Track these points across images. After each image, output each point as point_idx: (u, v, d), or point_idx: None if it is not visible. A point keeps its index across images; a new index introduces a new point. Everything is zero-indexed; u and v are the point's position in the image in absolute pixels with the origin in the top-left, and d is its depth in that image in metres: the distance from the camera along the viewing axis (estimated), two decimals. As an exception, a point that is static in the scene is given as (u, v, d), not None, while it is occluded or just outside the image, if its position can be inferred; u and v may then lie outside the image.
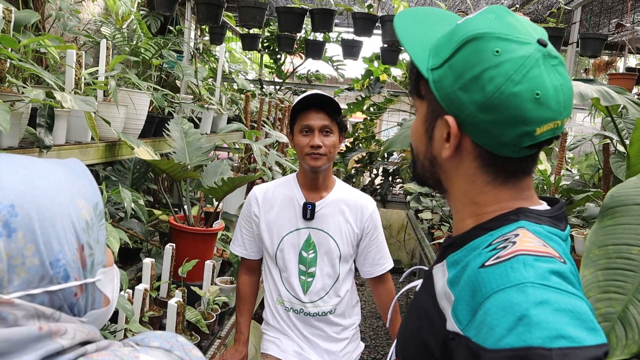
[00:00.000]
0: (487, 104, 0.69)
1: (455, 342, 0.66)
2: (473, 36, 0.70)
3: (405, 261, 6.76)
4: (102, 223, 0.66)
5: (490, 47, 0.69)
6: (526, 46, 0.69)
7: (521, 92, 0.67)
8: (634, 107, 1.64)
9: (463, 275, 0.69)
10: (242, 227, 1.92)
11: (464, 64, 0.70)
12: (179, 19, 4.37)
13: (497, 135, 0.70)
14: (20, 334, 0.53)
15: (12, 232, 0.54)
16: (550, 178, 2.54)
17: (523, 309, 0.58)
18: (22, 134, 1.51)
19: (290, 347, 1.87)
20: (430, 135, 0.78)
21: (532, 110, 0.68)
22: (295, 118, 1.78)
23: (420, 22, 0.80)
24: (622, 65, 5.27)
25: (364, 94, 6.08)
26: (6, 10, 1.47)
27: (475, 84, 0.69)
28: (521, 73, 0.68)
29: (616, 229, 1.13)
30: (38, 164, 0.62)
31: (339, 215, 1.83)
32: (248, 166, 3.52)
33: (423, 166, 0.82)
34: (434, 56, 0.74)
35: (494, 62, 0.68)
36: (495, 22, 0.71)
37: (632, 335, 1.00)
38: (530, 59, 0.68)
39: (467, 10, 4.44)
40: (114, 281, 0.68)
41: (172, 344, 0.65)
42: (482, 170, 0.75)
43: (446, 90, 0.72)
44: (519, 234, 0.69)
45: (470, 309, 0.65)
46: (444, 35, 0.75)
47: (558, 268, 0.63)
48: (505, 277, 0.62)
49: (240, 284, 1.97)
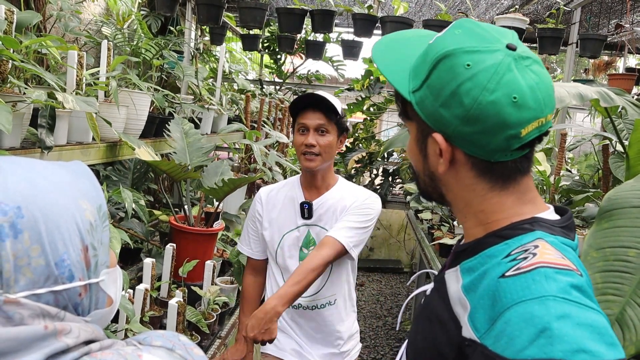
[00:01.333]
0: (468, 116, 0.71)
1: (472, 348, 0.67)
2: (443, 54, 0.73)
3: (405, 261, 6.77)
4: (106, 224, 0.67)
5: (461, 61, 0.71)
6: (495, 54, 0.71)
7: (498, 99, 0.69)
8: (633, 109, 1.65)
9: (481, 284, 0.70)
10: (248, 227, 1.96)
11: (440, 82, 0.73)
12: (180, 20, 4.38)
13: (486, 144, 0.72)
14: (27, 333, 0.54)
15: (18, 233, 0.55)
16: (550, 178, 2.55)
17: (545, 321, 0.59)
18: (24, 135, 1.52)
19: (288, 345, 1.88)
20: (425, 153, 0.81)
21: (512, 114, 0.70)
22: (295, 119, 1.82)
23: (396, 48, 0.83)
24: (622, 65, 5.27)
25: (364, 94, 6.08)
26: (8, 11, 1.47)
27: (454, 100, 0.71)
28: (495, 81, 0.69)
29: (613, 231, 1.14)
30: (42, 166, 0.63)
31: (338, 212, 1.83)
32: (248, 166, 3.52)
33: (425, 182, 0.84)
34: (414, 78, 0.77)
35: (467, 76, 0.70)
36: (463, 37, 0.73)
37: (630, 336, 1.01)
38: (501, 66, 0.70)
39: (467, 11, 4.44)
40: (117, 282, 0.69)
41: (174, 343, 0.65)
42: (480, 179, 0.76)
43: (429, 109, 0.75)
44: (538, 245, 0.69)
45: (488, 317, 0.66)
46: (419, 57, 0.78)
47: (577, 282, 0.64)
48: (527, 289, 0.63)
49: (246, 284, 1.99)
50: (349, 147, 6.23)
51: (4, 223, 0.55)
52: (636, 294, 1.05)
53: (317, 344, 1.89)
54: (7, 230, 0.55)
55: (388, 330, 4.87)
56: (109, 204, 2.54)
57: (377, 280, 6.29)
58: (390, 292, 5.96)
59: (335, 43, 5.67)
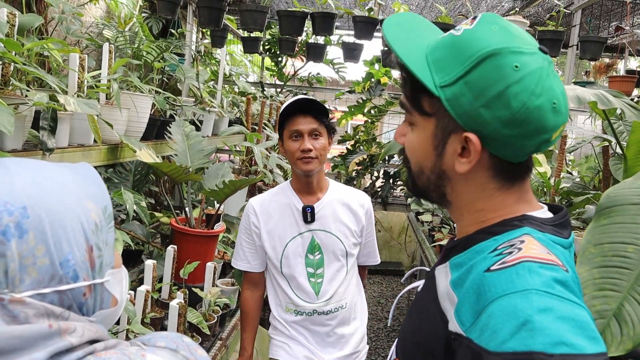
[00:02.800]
0: (513, 120, 0.69)
1: (458, 342, 0.68)
2: (490, 52, 0.70)
3: (406, 263, 6.77)
4: (111, 225, 0.67)
5: (509, 62, 0.69)
6: (535, 57, 0.70)
7: (543, 104, 0.69)
8: (631, 111, 1.65)
9: (467, 278, 0.71)
10: (242, 241, 1.90)
11: (485, 81, 0.70)
12: (181, 22, 4.39)
13: (520, 147, 0.72)
14: (31, 331, 0.55)
15: (23, 233, 0.56)
16: (551, 180, 2.55)
17: (527, 314, 0.59)
18: (26, 137, 1.53)
19: (300, 352, 1.86)
20: (441, 150, 0.77)
21: (551, 120, 0.70)
22: (283, 124, 1.78)
23: (409, 30, 0.79)
24: (623, 67, 5.28)
25: (365, 97, 6.09)
26: (10, 14, 1.48)
27: (499, 101, 0.69)
28: (540, 86, 0.69)
29: (612, 227, 1.14)
30: (48, 167, 0.64)
31: (338, 213, 1.85)
32: (249, 169, 3.53)
33: (428, 180, 0.80)
34: (439, 71, 0.73)
35: (515, 78, 0.69)
36: (503, 35, 0.71)
37: (627, 331, 1.01)
38: (543, 70, 0.70)
39: (467, 14, 4.45)
40: (122, 282, 0.70)
41: (178, 344, 0.66)
42: (494, 179, 0.76)
43: (464, 108, 0.71)
44: (524, 240, 0.70)
45: (473, 311, 0.66)
46: (441, 48, 0.74)
47: (561, 277, 0.64)
48: (510, 283, 0.64)
49: (244, 299, 1.95)
50: (350, 149, 6.24)
51: (10, 223, 0.56)
52: (634, 290, 1.05)
53: (329, 347, 1.88)
54: (13, 230, 0.56)
55: (389, 332, 4.87)
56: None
57: (378, 283, 6.29)
58: (391, 294, 5.96)
59: (336, 45, 5.69)
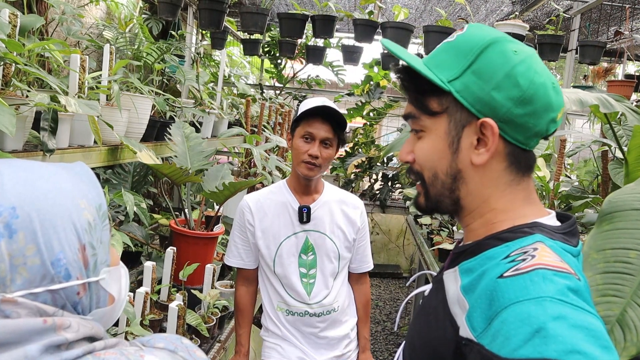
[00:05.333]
0: (523, 97, 0.74)
1: (469, 348, 0.68)
2: (490, 41, 0.76)
3: (404, 266, 6.77)
4: (106, 224, 0.67)
5: (509, 48, 0.75)
6: (525, 45, 0.78)
7: (545, 82, 0.75)
8: (632, 115, 1.66)
9: (479, 284, 0.71)
10: (236, 238, 1.91)
11: (492, 65, 0.75)
12: (181, 24, 4.39)
13: (532, 126, 0.75)
14: (26, 325, 0.55)
15: (13, 233, 0.57)
16: (550, 184, 2.56)
17: (541, 322, 0.59)
18: (26, 138, 1.52)
19: (293, 353, 1.87)
20: (456, 148, 0.78)
21: (554, 97, 0.76)
22: (299, 121, 1.77)
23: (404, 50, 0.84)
24: (621, 72, 5.29)
25: (364, 100, 6.10)
26: (12, 15, 1.48)
27: (509, 81, 0.74)
28: (539, 66, 0.76)
29: (614, 233, 1.14)
30: (40, 167, 0.64)
31: (333, 215, 1.86)
32: (248, 170, 3.53)
33: (443, 185, 0.80)
34: (443, 71, 0.77)
35: (518, 60, 0.74)
36: (494, 31, 0.78)
37: (631, 337, 1.01)
38: (535, 56, 0.77)
39: (467, 17, 4.47)
40: (120, 280, 0.69)
41: (176, 346, 0.66)
42: (507, 170, 0.78)
43: (477, 94, 0.75)
44: (537, 247, 0.70)
45: (486, 317, 0.66)
46: (438, 55, 0.79)
47: (574, 285, 0.65)
48: (524, 290, 0.64)
49: (238, 295, 1.96)
50: (348, 152, 6.24)
51: None
52: (637, 295, 1.05)
53: (321, 349, 1.89)
54: (2, 230, 0.56)
55: (387, 335, 4.87)
56: (109, 208, 2.54)
57: (376, 285, 6.29)
58: (389, 297, 5.96)
59: (336, 48, 5.69)
